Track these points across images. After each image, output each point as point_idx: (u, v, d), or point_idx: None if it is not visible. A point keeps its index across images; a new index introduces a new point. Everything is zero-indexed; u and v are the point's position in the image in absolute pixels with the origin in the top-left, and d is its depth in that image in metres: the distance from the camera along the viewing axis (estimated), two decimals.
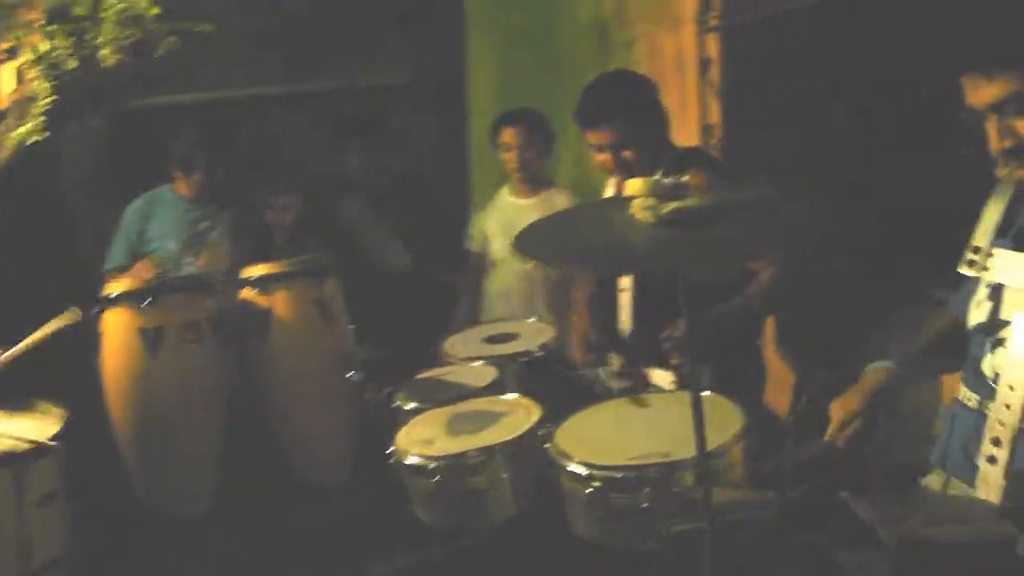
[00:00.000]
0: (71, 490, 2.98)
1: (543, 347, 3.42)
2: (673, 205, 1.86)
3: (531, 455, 2.64)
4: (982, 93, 1.78)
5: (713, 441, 2.38)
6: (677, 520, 2.09)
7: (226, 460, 3.60)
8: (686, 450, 2.36)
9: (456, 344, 3.63)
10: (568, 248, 2.11)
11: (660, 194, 1.88)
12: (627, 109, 3.21)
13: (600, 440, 2.57)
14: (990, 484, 1.88)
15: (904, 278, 3.66)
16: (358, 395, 3.33)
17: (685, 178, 1.89)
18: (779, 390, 3.81)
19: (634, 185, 1.91)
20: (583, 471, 2.40)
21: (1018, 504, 1.82)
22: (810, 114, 4.14)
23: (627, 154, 3.20)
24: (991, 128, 1.81)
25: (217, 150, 4.35)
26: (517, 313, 4.25)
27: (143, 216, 4.35)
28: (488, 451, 2.63)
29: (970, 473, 1.94)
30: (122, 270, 4.25)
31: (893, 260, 3.72)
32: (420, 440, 2.79)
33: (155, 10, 3.86)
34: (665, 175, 3.10)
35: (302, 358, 3.62)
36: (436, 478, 2.63)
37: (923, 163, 3.60)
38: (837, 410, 2.09)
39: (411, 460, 2.70)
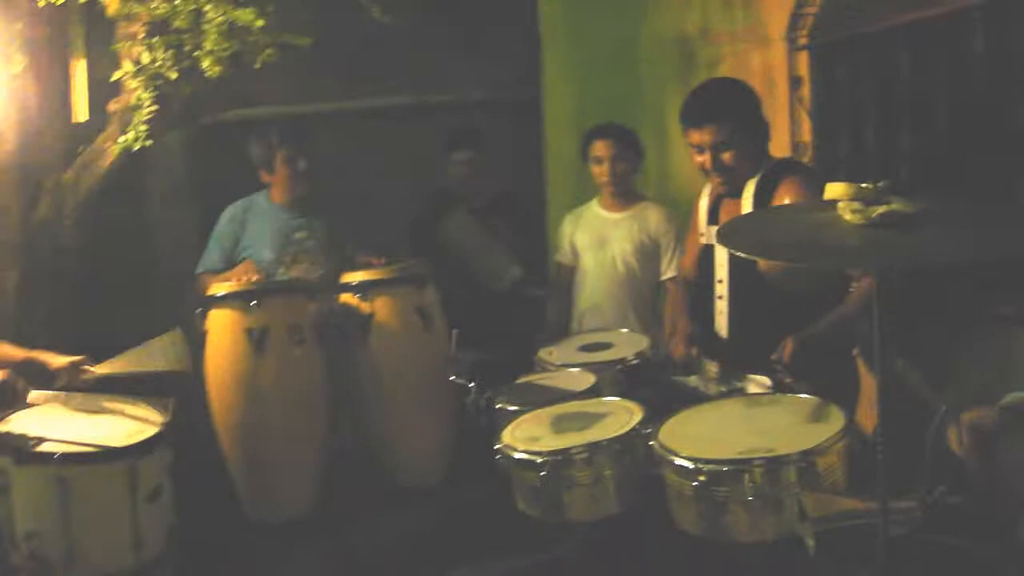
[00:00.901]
0: (174, 486, 3.23)
1: (638, 355, 3.69)
2: (883, 208, 2.11)
3: (635, 453, 2.87)
4: None
5: (815, 438, 2.63)
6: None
7: (326, 463, 3.90)
8: (789, 446, 2.60)
9: (553, 352, 3.88)
10: (778, 242, 2.37)
11: (865, 198, 2.13)
12: (732, 111, 3.45)
13: (703, 437, 2.78)
14: None
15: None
16: (459, 398, 3.58)
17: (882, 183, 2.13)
18: (870, 406, 3.99)
19: (837, 189, 2.16)
20: (689, 465, 2.62)
21: None
22: (900, 135, 4.33)
23: (727, 156, 3.44)
24: None
25: (296, 145, 4.55)
26: (608, 324, 4.48)
27: (239, 222, 4.56)
28: (594, 447, 2.87)
29: None
30: (215, 273, 4.44)
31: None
32: (526, 437, 3.03)
33: (261, 22, 4.16)
34: (762, 181, 3.39)
35: (403, 363, 3.92)
36: (542, 473, 2.86)
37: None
38: (968, 422, 2.28)
39: (518, 455, 2.94)
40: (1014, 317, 3.68)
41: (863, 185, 2.14)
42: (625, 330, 4.10)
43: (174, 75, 4.28)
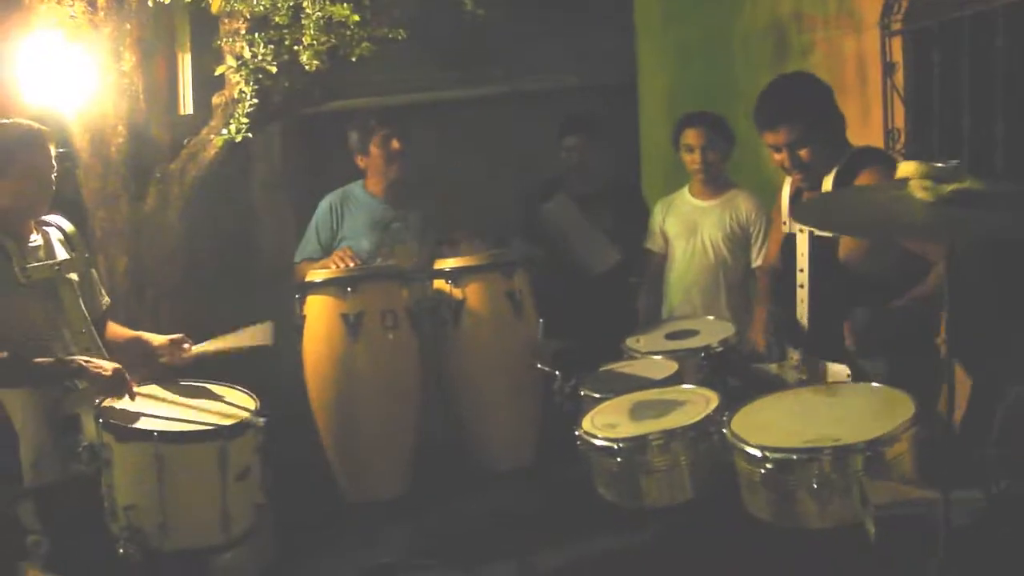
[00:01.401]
0: (264, 465, 3.36)
1: (723, 343, 3.78)
2: (954, 186, 2.17)
3: (710, 440, 3.00)
4: None
5: (882, 428, 2.70)
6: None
7: (417, 445, 4.06)
8: (857, 435, 2.69)
9: (640, 340, 4.00)
10: (848, 218, 2.48)
11: (936, 176, 2.19)
12: (804, 110, 3.49)
13: (775, 425, 2.90)
14: None
15: None
16: (546, 384, 3.71)
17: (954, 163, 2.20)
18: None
19: (909, 167, 2.23)
20: (758, 453, 2.73)
21: None
22: (995, 122, 4.31)
23: (803, 153, 3.49)
24: None
25: (392, 128, 4.65)
26: (698, 312, 4.55)
27: (337, 213, 4.68)
28: (669, 434, 3.00)
29: None
30: (313, 261, 4.55)
31: None
32: (605, 424, 3.17)
33: (356, 17, 4.32)
34: (841, 173, 3.44)
35: (493, 348, 4.10)
36: (619, 459, 3.02)
37: None
38: None
39: (597, 442, 3.08)
40: None
41: (936, 164, 2.18)
42: (712, 317, 4.17)
43: (274, 69, 4.45)
